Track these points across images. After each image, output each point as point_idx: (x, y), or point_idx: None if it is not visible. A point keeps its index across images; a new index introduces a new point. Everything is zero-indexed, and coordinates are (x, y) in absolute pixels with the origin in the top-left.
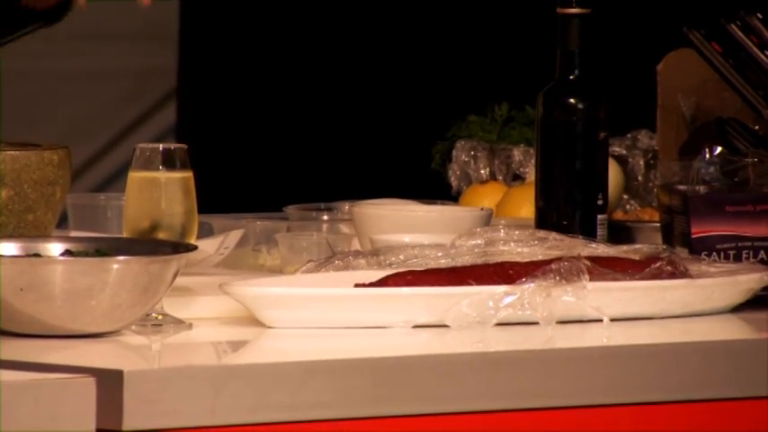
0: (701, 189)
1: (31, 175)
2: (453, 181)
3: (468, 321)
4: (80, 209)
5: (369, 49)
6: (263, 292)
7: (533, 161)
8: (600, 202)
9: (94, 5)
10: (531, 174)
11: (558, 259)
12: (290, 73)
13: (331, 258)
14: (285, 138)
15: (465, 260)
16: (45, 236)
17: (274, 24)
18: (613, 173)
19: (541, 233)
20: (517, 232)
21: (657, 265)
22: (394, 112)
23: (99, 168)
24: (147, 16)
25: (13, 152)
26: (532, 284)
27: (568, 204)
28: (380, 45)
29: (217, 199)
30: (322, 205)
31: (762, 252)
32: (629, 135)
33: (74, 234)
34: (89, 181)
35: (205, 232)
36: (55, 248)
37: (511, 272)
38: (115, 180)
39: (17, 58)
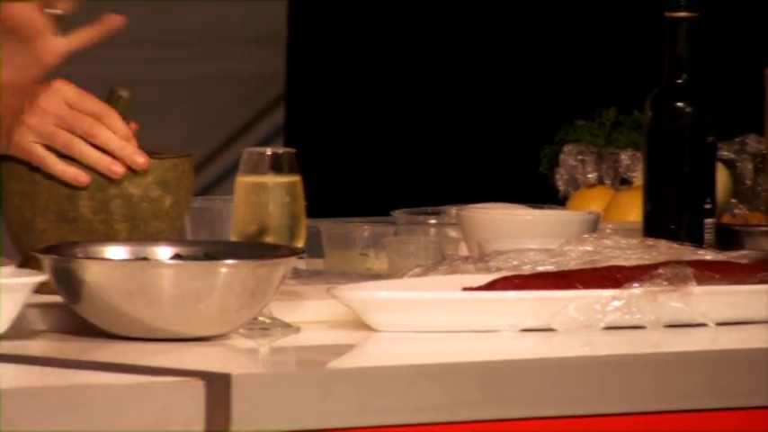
0: None
1: (186, 182)
2: (561, 185)
3: (576, 325)
4: (196, 212)
5: (476, 53)
6: (370, 295)
7: (641, 165)
8: (708, 207)
9: (206, 11)
10: (638, 178)
11: (665, 264)
12: (397, 78)
13: (439, 263)
14: (392, 142)
15: (573, 265)
16: (154, 240)
17: (381, 29)
18: (721, 177)
19: (650, 241)
20: (625, 240)
21: (766, 270)
22: (502, 116)
23: (207, 172)
24: (258, 21)
25: (174, 159)
26: (640, 288)
27: (676, 208)
28: (489, 48)
29: (324, 203)
30: (429, 209)
31: None
32: (737, 139)
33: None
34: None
35: (313, 236)
36: (164, 252)
37: (618, 276)
38: (221, 183)
39: (131, 64)
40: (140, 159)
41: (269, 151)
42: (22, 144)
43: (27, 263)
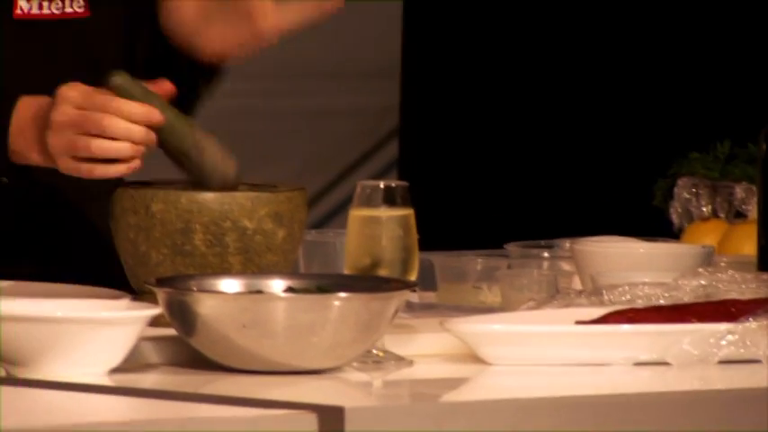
0: None
1: (299, 215)
2: (675, 218)
3: (690, 359)
4: (309, 245)
5: (589, 87)
6: (483, 329)
7: (755, 198)
8: None
9: (320, 44)
10: (753, 211)
11: None
12: (511, 110)
13: (552, 296)
14: (506, 174)
15: (687, 299)
16: (267, 272)
17: (495, 62)
18: None
19: (765, 275)
20: (740, 274)
21: None
22: (616, 149)
23: (321, 205)
24: (372, 54)
25: (288, 193)
26: (755, 322)
27: None
28: (600, 82)
29: (438, 236)
30: (543, 242)
31: None
32: None
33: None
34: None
35: (426, 269)
36: (277, 285)
37: (733, 310)
38: (336, 217)
39: (249, 97)
40: (155, 118)
41: (382, 184)
42: (65, 167)
43: (141, 296)
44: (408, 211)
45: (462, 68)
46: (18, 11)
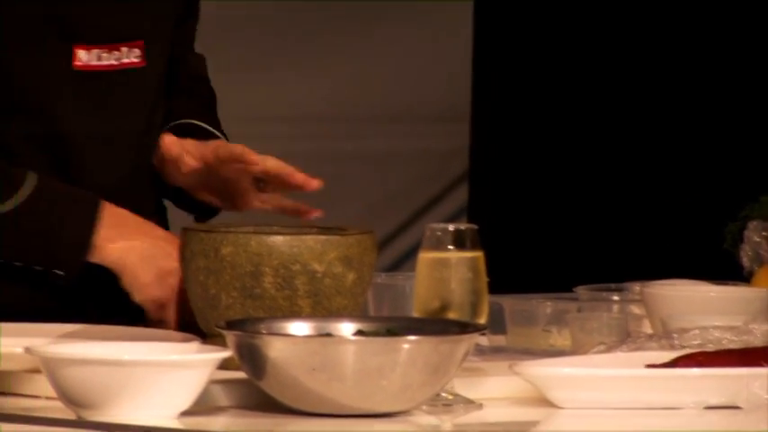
0: None
1: (369, 258)
2: (745, 261)
3: (760, 403)
4: (379, 287)
5: (659, 131)
6: (553, 372)
7: None
8: None
9: (389, 88)
10: None
11: None
12: (580, 155)
13: (622, 340)
14: (575, 218)
15: (758, 342)
16: (337, 316)
17: (564, 107)
18: None
19: None
20: None
21: None
22: (686, 192)
23: (391, 249)
24: (439, 98)
25: (357, 236)
26: None
27: None
28: (670, 127)
29: (507, 279)
30: (613, 286)
31: None
32: None
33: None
34: (382, 261)
35: (496, 312)
36: (347, 328)
37: None
38: (406, 260)
39: (315, 140)
40: None
41: (451, 227)
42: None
43: (211, 339)
44: (478, 254)
45: (531, 112)
46: (77, 62)
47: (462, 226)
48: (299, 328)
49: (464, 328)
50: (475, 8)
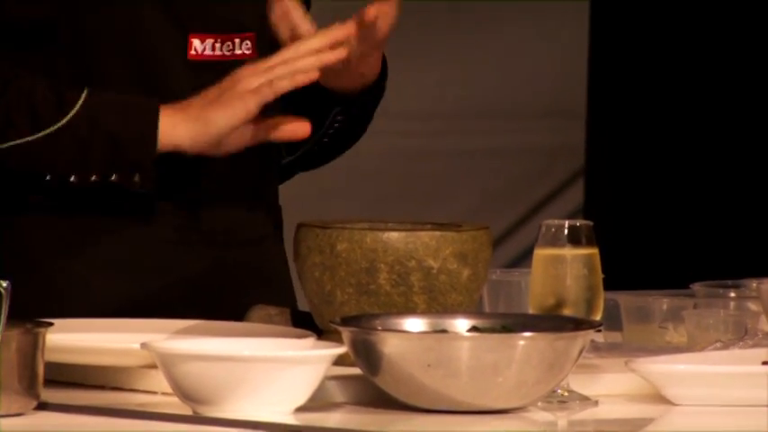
0: None
1: (484, 255)
2: None
3: None
4: (494, 284)
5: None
6: (669, 369)
7: None
8: None
9: (500, 84)
10: None
11: None
12: (697, 150)
13: (740, 337)
14: (691, 214)
15: None
16: (452, 312)
17: (680, 102)
18: None
19: None
20: None
21: None
22: None
23: (507, 246)
24: (555, 93)
25: (473, 232)
26: None
27: None
28: None
29: (622, 275)
30: (729, 282)
31: None
32: None
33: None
34: (497, 259)
35: (611, 309)
36: (461, 324)
37: None
38: (522, 257)
39: (424, 137)
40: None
41: (567, 223)
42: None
43: (326, 335)
44: (593, 251)
45: (646, 108)
46: (192, 51)
47: (578, 222)
48: (414, 324)
49: (579, 324)
50: (591, 5)
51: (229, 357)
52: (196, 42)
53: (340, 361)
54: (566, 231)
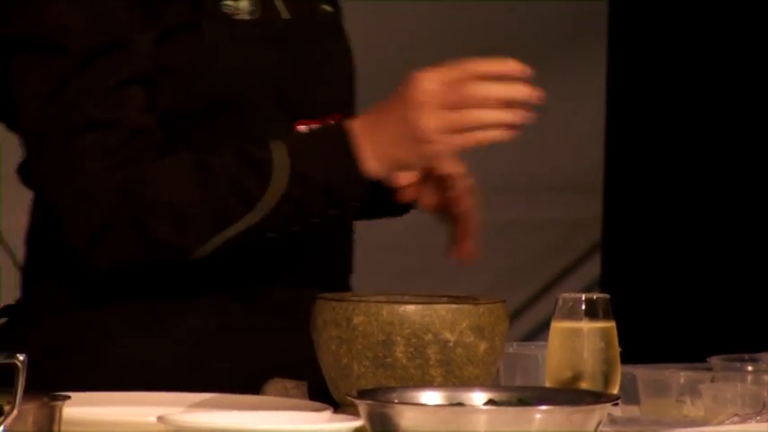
0: None
1: (500, 328)
2: None
3: None
4: (510, 357)
5: None
6: None
7: None
8: None
9: (520, 159)
10: None
11: None
12: (712, 225)
13: (757, 411)
14: (709, 288)
15: None
16: (468, 385)
17: (696, 178)
18: None
19: None
20: None
21: None
22: None
23: (524, 319)
24: (573, 168)
25: (489, 305)
26: None
27: None
28: None
29: (640, 349)
30: (747, 356)
31: None
32: None
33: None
34: (514, 332)
35: (628, 382)
36: (478, 398)
37: None
38: (540, 332)
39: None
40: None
41: (584, 297)
42: (436, 148)
43: (343, 408)
44: (610, 324)
45: (663, 182)
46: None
47: (595, 296)
48: (431, 397)
49: (597, 398)
50: (608, 77)
51: (246, 430)
52: (301, 128)
53: None
54: (583, 305)
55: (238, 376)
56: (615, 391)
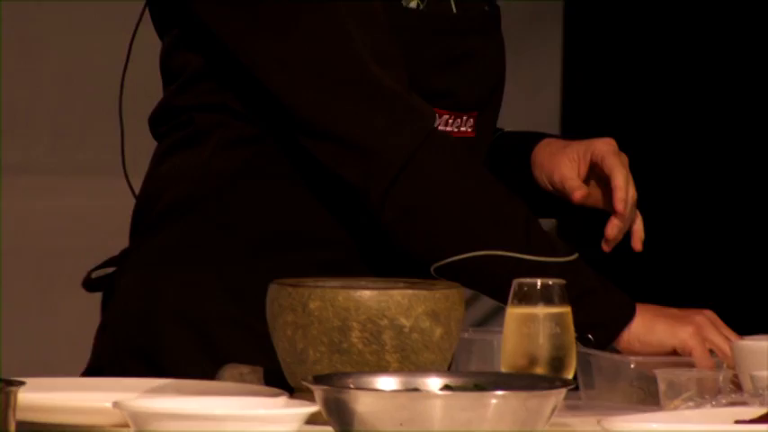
0: None
1: (456, 313)
2: None
3: None
4: (466, 342)
5: None
6: (641, 428)
7: None
8: None
9: None
10: None
11: None
12: (666, 216)
13: (713, 396)
14: (664, 270)
15: None
16: (424, 370)
17: (651, 164)
18: None
19: None
20: None
21: None
22: None
23: (479, 304)
24: None
25: (445, 291)
26: None
27: None
28: None
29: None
30: None
31: None
32: None
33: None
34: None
35: (584, 367)
36: (434, 383)
37: None
38: (494, 316)
39: None
40: None
41: (539, 282)
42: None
43: (299, 393)
44: (566, 309)
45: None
46: None
47: (550, 281)
48: (387, 382)
49: (552, 383)
50: (563, 65)
51: (201, 416)
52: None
53: (312, 420)
54: (538, 290)
55: None
56: (570, 376)
